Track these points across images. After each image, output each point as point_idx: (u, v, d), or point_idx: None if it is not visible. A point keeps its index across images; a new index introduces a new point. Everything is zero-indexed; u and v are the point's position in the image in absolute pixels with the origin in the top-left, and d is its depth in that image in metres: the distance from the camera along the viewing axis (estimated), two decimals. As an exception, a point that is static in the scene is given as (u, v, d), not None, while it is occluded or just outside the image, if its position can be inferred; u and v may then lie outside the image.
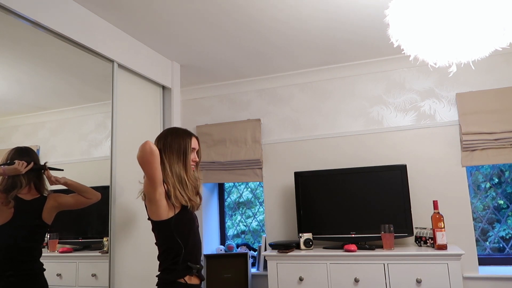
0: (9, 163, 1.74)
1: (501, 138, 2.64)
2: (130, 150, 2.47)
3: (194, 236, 1.85)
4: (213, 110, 3.52)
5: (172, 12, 2.23)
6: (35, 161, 1.86)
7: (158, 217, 1.77)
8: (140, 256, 2.48)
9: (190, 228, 1.83)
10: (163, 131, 1.97)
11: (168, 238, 1.78)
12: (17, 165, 1.75)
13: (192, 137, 1.94)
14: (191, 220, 1.85)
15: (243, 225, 3.61)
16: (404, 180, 2.68)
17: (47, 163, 1.92)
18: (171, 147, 1.87)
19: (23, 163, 1.78)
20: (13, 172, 1.75)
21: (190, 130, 2.00)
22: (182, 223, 1.80)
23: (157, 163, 1.70)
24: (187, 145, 1.89)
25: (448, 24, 1.50)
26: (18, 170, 1.76)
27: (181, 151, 1.87)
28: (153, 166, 1.69)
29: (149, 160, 1.68)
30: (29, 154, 1.85)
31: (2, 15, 1.73)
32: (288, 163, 3.22)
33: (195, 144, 1.95)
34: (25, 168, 1.78)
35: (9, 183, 1.75)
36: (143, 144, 1.69)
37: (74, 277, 2.00)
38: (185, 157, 1.87)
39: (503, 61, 2.78)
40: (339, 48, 2.80)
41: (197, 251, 1.85)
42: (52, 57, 2.01)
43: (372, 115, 3.05)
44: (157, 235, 1.83)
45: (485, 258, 2.83)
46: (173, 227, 1.77)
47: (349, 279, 2.49)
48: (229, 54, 2.85)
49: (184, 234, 1.79)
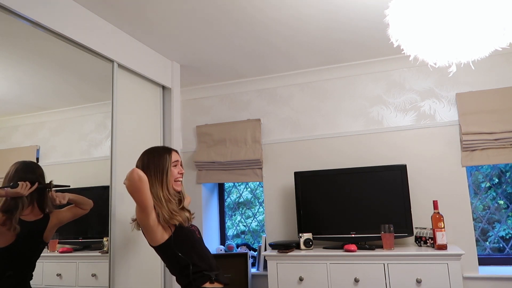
0: (12, 186, 1.67)
1: (501, 138, 2.64)
2: (130, 150, 2.47)
3: (197, 248, 1.83)
4: (213, 110, 3.52)
5: (172, 12, 2.23)
6: (40, 180, 1.79)
7: (157, 242, 1.77)
8: (140, 256, 2.48)
9: (191, 242, 1.82)
10: (142, 153, 1.93)
11: (173, 258, 1.78)
12: (20, 188, 1.67)
13: (171, 151, 1.90)
14: (189, 234, 1.83)
15: (243, 226, 3.61)
16: (404, 180, 2.68)
17: (52, 181, 1.85)
18: (149, 168, 1.83)
19: (27, 184, 1.69)
20: (15, 195, 1.66)
21: (168, 146, 1.96)
22: (181, 240, 1.79)
23: (146, 189, 1.69)
24: (165, 162, 1.85)
25: (448, 24, 1.50)
26: (21, 194, 1.67)
27: (158, 170, 1.83)
28: (144, 193, 1.69)
29: (139, 187, 1.67)
30: (34, 171, 1.79)
31: (2, 15, 1.73)
32: (288, 163, 3.22)
33: (175, 157, 1.91)
34: (28, 190, 1.70)
35: (12, 204, 1.67)
36: (131, 172, 1.69)
37: (74, 277, 2.00)
38: (162, 175, 1.83)
39: (503, 61, 2.78)
40: (339, 48, 2.80)
41: (206, 259, 1.83)
42: (52, 57, 2.01)
43: (372, 115, 3.05)
44: (162, 258, 1.83)
45: (485, 258, 2.83)
46: (174, 247, 1.76)
47: (349, 279, 2.49)
48: (229, 54, 2.85)
49: (187, 250, 1.78)
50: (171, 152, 1.90)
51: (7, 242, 1.63)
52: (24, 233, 1.70)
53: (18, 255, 1.70)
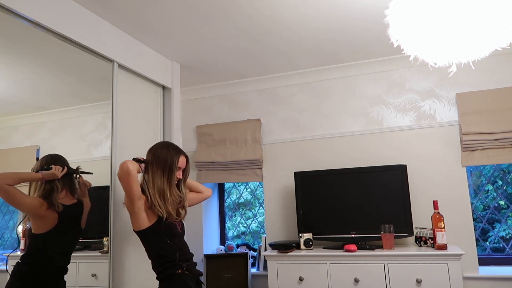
0: (46, 168, 1.80)
1: (501, 138, 2.64)
2: (130, 150, 2.47)
3: (176, 241, 1.95)
4: (213, 110, 3.52)
5: (172, 12, 2.23)
6: (68, 166, 1.93)
7: (139, 227, 1.91)
8: (140, 256, 2.48)
9: (171, 233, 1.94)
10: (157, 143, 2.07)
11: (150, 245, 1.92)
12: (55, 170, 1.81)
13: (181, 155, 2.03)
14: (170, 226, 1.95)
15: (243, 227, 3.61)
16: (404, 180, 2.68)
17: (79, 167, 1.99)
18: (158, 160, 1.98)
19: (59, 167, 1.84)
20: (51, 177, 1.80)
21: (181, 148, 2.09)
22: (162, 229, 1.91)
23: (133, 181, 1.84)
24: (174, 162, 1.99)
25: (448, 24, 1.50)
26: (56, 175, 1.82)
27: (166, 166, 1.97)
28: (129, 184, 1.84)
29: (126, 179, 1.83)
30: (61, 160, 1.92)
31: (2, 15, 1.73)
32: (288, 163, 3.22)
33: (182, 163, 2.04)
34: (61, 172, 1.84)
35: (48, 189, 1.80)
36: (122, 163, 1.84)
37: (74, 277, 2.00)
38: (170, 173, 1.97)
39: (503, 61, 2.78)
40: (339, 48, 2.80)
41: (183, 252, 1.95)
42: (52, 57, 2.01)
43: (372, 115, 3.05)
44: (143, 243, 1.96)
45: (485, 258, 2.83)
46: (156, 233, 1.90)
47: (349, 279, 2.49)
48: (229, 54, 2.85)
49: (163, 240, 1.91)
50: (180, 156, 2.03)
51: (52, 224, 1.79)
52: (66, 215, 1.85)
53: (64, 236, 1.85)
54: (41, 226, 1.75)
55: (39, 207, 1.74)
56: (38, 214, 1.74)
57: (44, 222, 1.76)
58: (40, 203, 1.75)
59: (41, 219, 1.75)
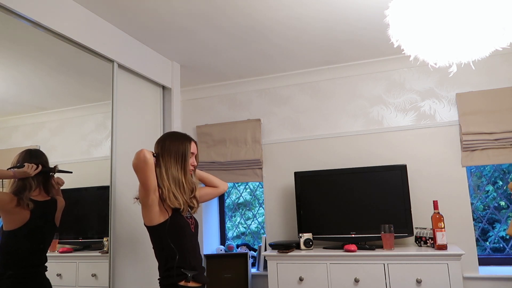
0: (19, 166, 1.77)
1: (501, 138, 2.64)
2: (130, 150, 2.47)
3: (187, 242, 1.84)
4: (213, 110, 3.52)
5: (172, 12, 2.23)
6: (44, 164, 1.88)
7: (151, 222, 1.81)
8: (140, 256, 2.48)
9: (183, 233, 1.83)
10: (163, 134, 1.99)
11: (161, 243, 1.81)
12: (27, 168, 1.78)
13: (191, 141, 1.95)
14: (183, 225, 1.85)
15: (243, 227, 3.61)
16: (404, 180, 2.68)
17: (57, 166, 1.94)
18: (169, 150, 1.88)
19: (32, 165, 1.81)
20: (22, 175, 1.77)
21: (188, 134, 2.01)
22: (174, 228, 1.81)
23: (150, 171, 1.75)
24: (186, 149, 1.90)
25: (448, 24, 1.50)
26: (27, 173, 1.79)
27: (179, 154, 1.88)
28: (146, 174, 1.74)
29: (143, 168, 1.73)
30: (38, 156, 1.88)
31: (2, 15, 1.73)
32: (288, 163, 3.22)
33: (194, 148, 1.96)
34: (34, 170, 1.80)
35: (20, 185, 1.77)
36: (138, 152, 1.75)
37: (74, 277, 2.00)
38: (184, 161, 1.88)
39: (503, 61, 2.78)
40: (339, 48, 2.80)
41: (192, 256, 1.84)
42: (52, 57, 2.01)
43: (372, 115, 3.05)
44: (152, 240, 1.85)
45: (485, 258, 2.83)
46: (166, 232, 1.79)
47: (349, 279, 2.49)
48: (229, 54, 2.85)
49: (177, 239, 1.80)
50: (191, 142, 1.95)
51: (24, 221, 1.75)
52: (38, 211, 1.81)
53: (35, 233, 1.81)
54: (12, 222, 1.73)
55: (8, 203, 1.72)
56: (7, 209, 1.72)
57: (14, 218, 1.73)
58: (10, 199, 1.73)
59: (11, 215, 1.73)
